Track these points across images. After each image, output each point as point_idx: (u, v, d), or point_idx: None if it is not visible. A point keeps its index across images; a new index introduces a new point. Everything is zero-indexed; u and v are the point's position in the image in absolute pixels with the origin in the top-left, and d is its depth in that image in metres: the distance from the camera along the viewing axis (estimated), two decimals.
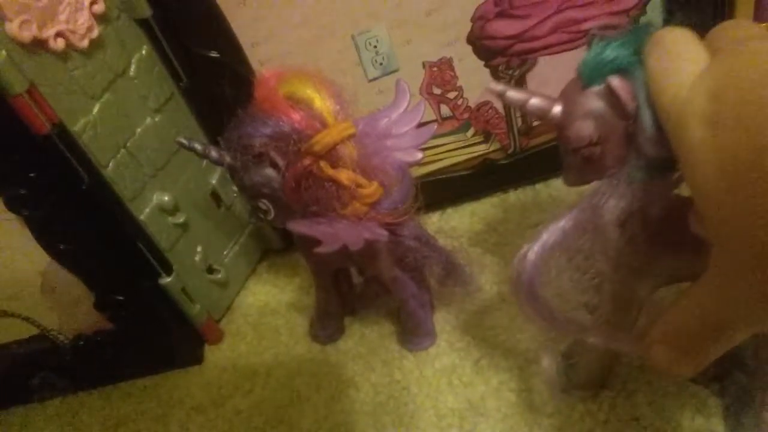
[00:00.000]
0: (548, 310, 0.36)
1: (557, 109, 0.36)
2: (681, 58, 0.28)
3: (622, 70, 0.32)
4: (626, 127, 0.33)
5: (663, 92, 0.28)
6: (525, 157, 0.64)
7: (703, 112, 0.25)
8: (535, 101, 0.36)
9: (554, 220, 0.35)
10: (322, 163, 0.45)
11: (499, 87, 0.37)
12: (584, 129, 0.34)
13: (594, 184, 0.35)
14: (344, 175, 0.45)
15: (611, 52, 0.33)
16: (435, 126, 0.51)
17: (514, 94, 0.37)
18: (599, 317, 0.38)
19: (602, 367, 0.49)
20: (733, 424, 0.46)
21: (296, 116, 0.44)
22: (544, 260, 0.34)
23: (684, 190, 0.35)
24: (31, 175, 0.48)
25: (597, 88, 0.33)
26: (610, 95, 0.33)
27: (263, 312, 0.66)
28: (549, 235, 0.35)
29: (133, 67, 0.54)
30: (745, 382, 0.45)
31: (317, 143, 0.44)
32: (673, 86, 0.27)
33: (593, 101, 0.34)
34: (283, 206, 0.47)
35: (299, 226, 0.47)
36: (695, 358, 0.30)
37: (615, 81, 0.32)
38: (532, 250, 0.35)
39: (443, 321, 0.59)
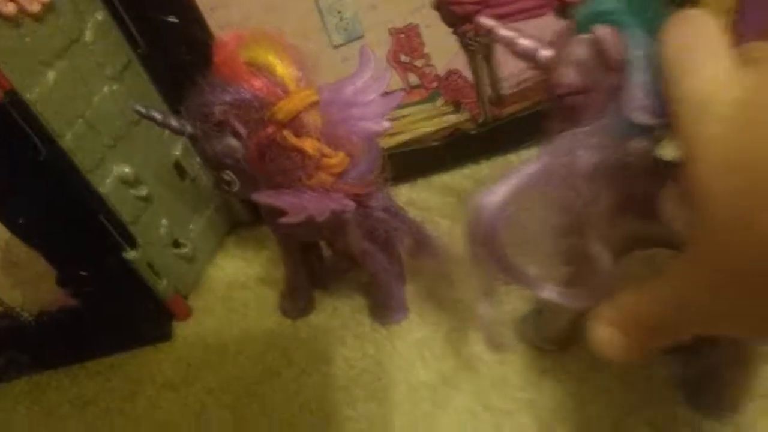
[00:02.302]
0: (503, 257, 0.35)
1: (544, 52, 0.35)
2: (705, 49, 0.27)
3: (616, 24, 0.32)
4: (610, 80, 0.32)
5: (681, 79, 0.27)
6: (496, 127, 0.63)
7: (726, 111, 0.24)
8: (523, 41, 0.36)
9: (523, 164, 0.34)
10: (286, 132, 0.43)
11: (490, 22, 0.36)
12: (568, 75, 0.33)
13: (571, 131, 0.34)
14: (309, 144, 0.44)
15: (609, 4, 0.32)
16: (402, 93, 0.49)
17: (503, 30, 0.36)
18: (554, 273, 0.37)
19: (569, 322, 0.48)
20: (691, 396, 0.46)
21: (257, 83, 0.42)
22: (507, 203, 0.33)
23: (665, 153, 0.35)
24: None
25: (587, 36, 0.33)
26: (598, 45, 0.32)
27: (232, 287, 0.65)
28: (516, 178, 0.33)
29: (88, 33, 0.52)
30: (712, 359, 0.45)
31: (279, 111, 0.42)
32: (694, 77, 0.26)
33: (580, 48, 0.33)
34: (247, 177, 0.46)
35: (264, 197, 0.45)
36: (639, 349, 0.29)
37: (603, 30, 0.31)
38: (495, 193, 0.33)
39: (415, 294, 0.58)
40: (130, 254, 0.56)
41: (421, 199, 0.65)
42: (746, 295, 0.24)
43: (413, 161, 0.64)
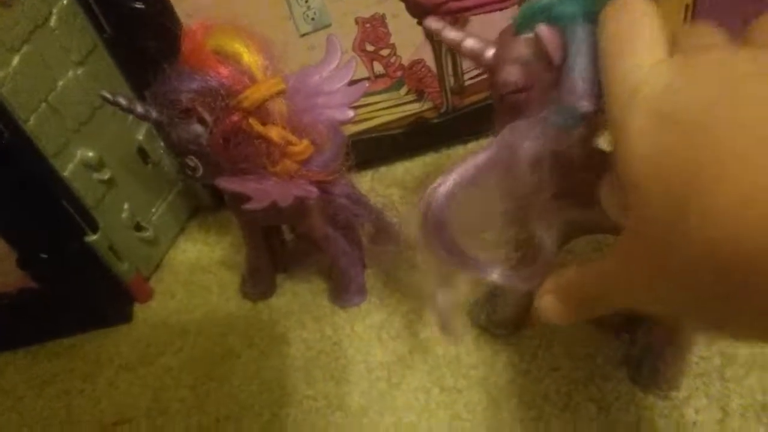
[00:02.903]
0: (453, 245, 0.36)
1: (490, 52, 0.36)
2: (640, 39, 0.26)
3: (554, 20, 0.33)
4: (551, 77, 0.33)
5: (614, 67, 0.27)
6: (457, 117, 0.65)
7: (652, 103, 0.24)
8: (469, 42, 0.36)
9: (470, 155, 0.35)
10: (252, 120, 0.44)
11: (436, 24, 0.37)
12: (511, 74, 0.34)
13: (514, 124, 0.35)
14: (274, 132, 0.45)
15: (545, 1, 0.33)
16: (367, 83, 0.51)
17: (450, 32, 0.37)
18: (501, 258, 0.38)
19: (519, 306, 0.51)
20: (633, 373, 0.49)
21: (224, 71, 0.43)
22: (454, 195, 0.34)
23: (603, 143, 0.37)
24: None
25: (528, 35, 0.34)
26: (538, 44, 0.33)
27: (194, 270, 0.66)
28: (462, 169, 0.34)
29: (54, 18, 0.52)
30: (651, 338, 0.48)
31: (246, 99, 0.43)
32: (626, 66, 0.26)
33: (522, 48, 0.34)
34: (211, 163, 0.46)
35: (228, 183, 0.46)
36: (576, 315, 0.31)
37: (542, 30, 0.33)
38: (444, 184, 0.34)
39: (374, 278, 0.60)
40: (92, 238, 0.56)
41: (383, 186, 0.67)
42: (672, 286, 0.25)
43: (376, 148, 0.65)
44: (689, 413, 0.47)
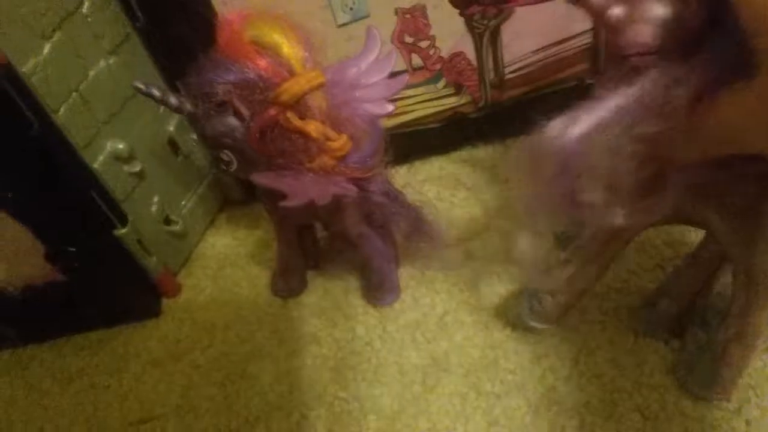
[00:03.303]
0: (574, 185, 0.34)
1: (616, 10, 0.33)
2: None
3: None
4: (689, 39, 0.30)
5: None
6: (496, 112, 0.63)
7: None
8: None
9: (605, 96, 0.32)
10: (290, 114, 0.43)
11: None
12: (643, 35, 0.31)
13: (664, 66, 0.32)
14: (312, 127, 0.43)
15: None
16: (407, 76, 0.49)
17: None
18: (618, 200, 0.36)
19: (569, 302, 0.49)
20: (686, 376, 0.47)
21: (262, 63, 0.41)
22: (589, 137, 0.32)
23: None
24: None
25: None
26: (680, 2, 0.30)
27: (222, 264, 0.65)
28: (601, 110, 0.32)
29: (86, 5, 0.50)
30: (704, 340, 0.46)
31: (284, 92, 0.42)
32: None
33: (659, 6, 0.31)
34: (246, 158, 0.45)
35: (264, 179, 0.45)
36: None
37: None
38: (578, 124, 0.32)
39: (408, 276, 0.58)
40: (121, 231, 0.55)
41: (418, 182, 0.65)
42: None
43: (412, 143, 0.63)
44: (740, 425, 0.45)
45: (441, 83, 0.61)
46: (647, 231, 0.49)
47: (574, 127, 0.32)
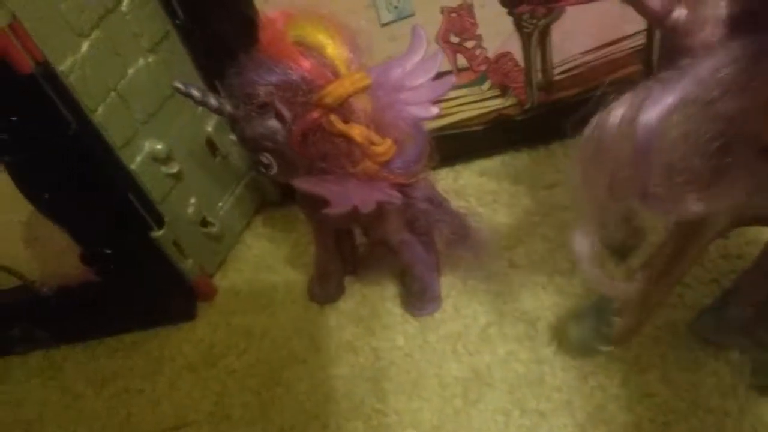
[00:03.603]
0: (652, 177, 0.30)
1: (680, 13, 0.30)
2: None
3: None
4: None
5: None
6: (542, 114, 0.61)
7: None
8: (654, 1, 0.30)
9: (676, 77, 0.29)
10: (333, 117, 0.41)
11: None
12: (713, 34, 0.29)
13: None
14: (357, 131, 0.41)
15: None
16: (453, 78, 0.47)
17: None
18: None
19: (639, 321, 0.46)
20: (764, 382, 0.44)
21: (306, 64, 0.40)
22: (669, 118, 0.28)
23: None
24: (13, 118, 0.44)
25: None
26: None
27: (259, 268, 0.63)
28: (678, 88, 0.28)
29: (125, 2, 0.49)
30: None
31: (328, 95, 0.40)
32: None
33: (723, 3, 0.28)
34: (286, 161, 0.43)
35: (306, 184, 0.43)
36: None
37: None
38: (655, 105, 0.28)
39: (449, 285, 0.56)
40: (157, 233, 0.54)
41: (460, 186, 0.63)
42: None
43: (453, 146, 0.61)
44: None
45: (486, 84, 0.59)
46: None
47: (650, 108, 0.28)
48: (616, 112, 0.29)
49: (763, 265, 0.44)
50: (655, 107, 0.28)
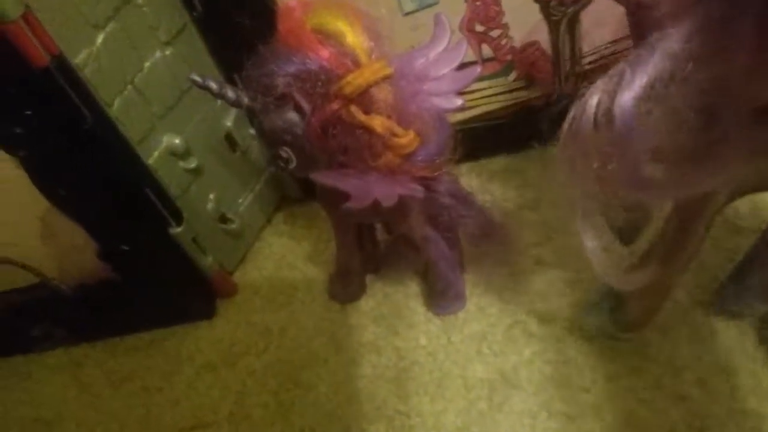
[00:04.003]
0: (639, 162, 0.28)
1: None
2: None
3: None
4: None
5: None
6: (569, 106, 0.59)
7: None
8: None
9: (646, 53, 0.27)
10: (353, 108, 0.40)
11: None
12: None
13: None
14: (378, 122, 0.40)
15: None
16: (478, 68, 0.45)
17: None
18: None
19: (651, 301, 0.45)
20: None
21: (325, 53, 0.39)
22: (645, 99, 0.27)
23: None
24: (28, 112, 0.43)
25: None
26: None
27: (279, 265, 0.62)
28: (651, 64, 0.27)
29: None
30: None
31: (348, 85, 0.39)
32: None
33: None
34: (306, 155, 0.42)
35: (326, 178, 0.42)
36: None
37: None
38: (629, 87, 0.27)
39: (473, 284, 0.54)
40: (176, 230, 0.53)
41: (483, 181, 0.61)
42: None
43: (477, 139, 0.59)
44: None
45: (512, 75, 0.57)
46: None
47: (624, 92, 0.27)
48: (591, 101, 0.28)
49: None
50: (629, 91, 0.27)
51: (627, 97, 0.27)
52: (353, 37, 0.39)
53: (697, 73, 0.26)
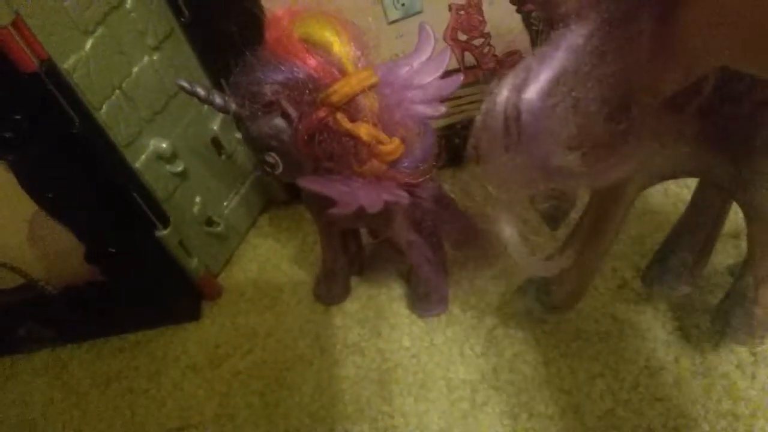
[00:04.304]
0: (550, 153, 0.29)
1: None
2: None
3: None
4: None
5: None
6: None
7: None
8: None
9: (551, 48, 0.28)
10: (339, 116, 0.40)
11: None
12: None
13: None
14: (364, 130, 0.40)
15: None
16: (461, 76, 0.46)
17: None
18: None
19: (580, 287, 0.47)
20: (722, 325, 0.44)
21: (312, 62, 0.39)
22: (549, 94, 0.27)
23: None
24: (17, 117, 0.43)
25: None
26: None
27: (264, 268, 0.63)
28: (555, 59, 0.27)
29: None
30: (733, 282, 0.43)
31: (335, 93, 0.39)
32: None
33: None
34: (292, 161, 0.43)
35: (312, 184, 0.42)
36: None
37: None
38: (534, 81, 0.27)
39: (456, 286, 0.55)
40: (162, 233, 0.53)
41: (466, 185, 0.62)
42: None
43: (459, 145, 0.60)
44: None
45: (494, 83, 0.58)
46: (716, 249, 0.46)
47: (530, 87, 0.27)
48: (501, 96, 0.29)
49: (692, 213, 0.45)
50: (534, 85, 0.27)
51: (533, 91, 0.27)
52: (340, 47, 0.40)
53: (601, 67, 0.27)
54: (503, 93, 0.28)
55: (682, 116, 0.33)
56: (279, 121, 0.41)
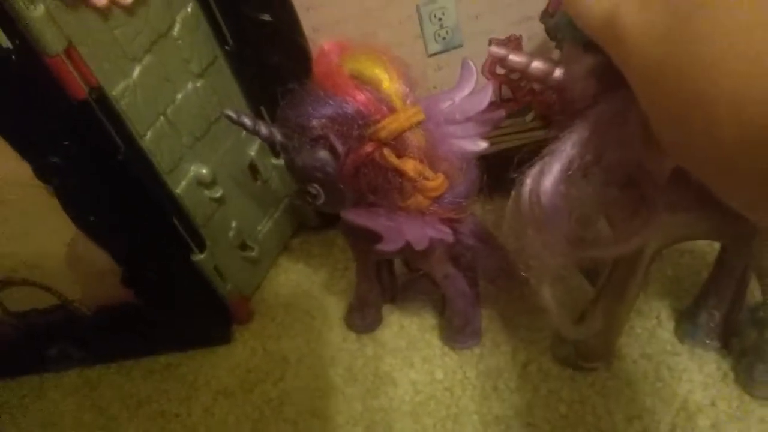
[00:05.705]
0: (572, 230, 0.35)
1: (559, 71, 0.33)
2: None
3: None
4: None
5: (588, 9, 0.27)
6: None
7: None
8: (537, 64, 0.34)
9: (565, 137, 0.33)
10: (386, 151, 0.40)
11: (500, 51, 0.35)
12: (590, 86, 0.31)
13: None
14: (410, 166, 0.41)
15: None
16: (503, 112, 0.46)
17: (515, 57, 0.35)
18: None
19: (613, 337, 0.49)
20: (746, 380, 0.46)
21: (361, 97, 0.39)
22: (562, 180, 0.33)
23: None
24: (65, 143, 0.44)
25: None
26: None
27: (295, 292, 0.63)
28: (563, 153, 0.32)
29: (177, 27, 0.49)
30: (755, 337, 0.45)
31: (383, 129, 0.40)
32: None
33: (591, 57, 0.31)
34: (335, 193, 0.43)
35: (357, 217, 0.43)
36: None
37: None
38: (549, 171, 0.33)
39: (489, 319, 0.55)
40: (198, 257, 0.53)
41: (498, 218, 0.62)
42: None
43: (492, 176, 0.60)
44: None
45: (530, 116, 0.58)
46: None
47: (545, 177, 0.33)
48: (525, 187, 0.34)
49: (717, 273, 0.47)
50: (548, 176, 0.33)
51: (547, 182, 0.33)
52: (389, 84, 0.40)
53: (607, 155, 0.32)
54: (527, 183, 0.34)
55: (689, 185, 0.34)
56: (324, 154, 0.41)
